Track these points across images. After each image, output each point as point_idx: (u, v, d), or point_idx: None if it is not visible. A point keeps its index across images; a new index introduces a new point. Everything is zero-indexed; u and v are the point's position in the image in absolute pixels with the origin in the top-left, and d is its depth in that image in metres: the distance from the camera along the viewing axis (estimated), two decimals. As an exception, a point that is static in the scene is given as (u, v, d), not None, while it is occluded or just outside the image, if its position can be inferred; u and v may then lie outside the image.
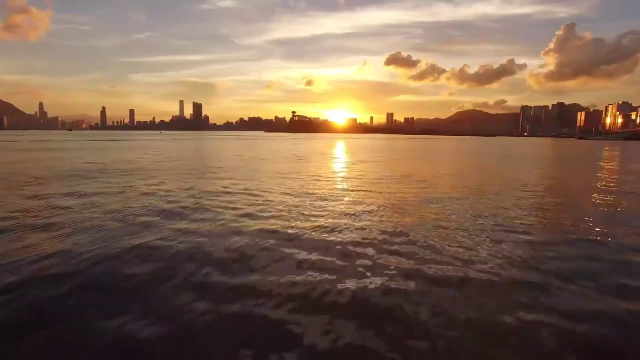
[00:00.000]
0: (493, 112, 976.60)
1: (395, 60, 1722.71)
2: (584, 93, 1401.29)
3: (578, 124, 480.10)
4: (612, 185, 21.43)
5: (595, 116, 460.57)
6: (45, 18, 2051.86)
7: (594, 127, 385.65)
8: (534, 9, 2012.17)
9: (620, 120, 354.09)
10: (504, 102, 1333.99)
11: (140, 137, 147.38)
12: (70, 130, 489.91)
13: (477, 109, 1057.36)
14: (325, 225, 10.92)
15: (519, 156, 52.36)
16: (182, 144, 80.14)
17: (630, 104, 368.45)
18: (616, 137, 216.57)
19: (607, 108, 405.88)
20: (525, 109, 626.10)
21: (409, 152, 58.26)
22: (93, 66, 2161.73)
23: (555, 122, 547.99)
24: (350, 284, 6.77)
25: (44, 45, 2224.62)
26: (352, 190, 17.66)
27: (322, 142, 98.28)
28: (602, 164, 40.22)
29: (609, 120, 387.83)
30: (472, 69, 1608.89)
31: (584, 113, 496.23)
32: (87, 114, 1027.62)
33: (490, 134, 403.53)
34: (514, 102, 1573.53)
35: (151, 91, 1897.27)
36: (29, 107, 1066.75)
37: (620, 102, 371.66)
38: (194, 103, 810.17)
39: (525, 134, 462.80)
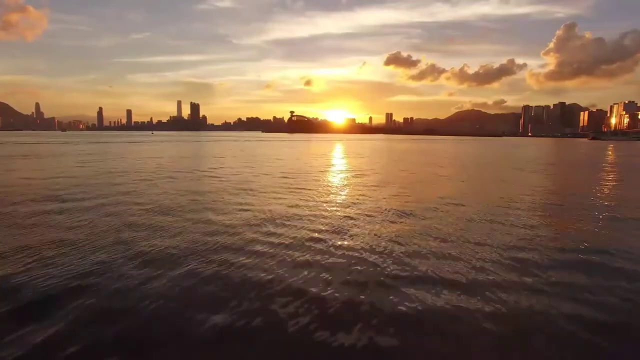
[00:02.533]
0: (492, 111, 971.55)
1: (395, 59, 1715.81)
2: (583, 93, 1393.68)
3: (581, 124, 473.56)
4: None
5: (598, 116, 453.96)
6: (43, 17, 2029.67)
7: (600, 126, 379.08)
8: (532, 9, 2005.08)
9: (626, 119, 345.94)
10: (503, 101, 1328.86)
11: (126, 138, 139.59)
12: (64, 130, 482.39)
13: (476, 108, 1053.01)
14: None
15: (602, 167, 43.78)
16: (157, 147, 71.67)
17: (636, 103, 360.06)
18: (635, 137, 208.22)
19: (611, 107, 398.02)
20: (526, 108, 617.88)
21: (434, 159, 49.54)
22: (91, 66, 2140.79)
23: (556, 121, 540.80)
24: None
25: (42, 45, 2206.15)
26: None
27: (317, 147, 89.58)
28: None
29: (614, 120, 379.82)
30: (471, 69, 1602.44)
31: (586, 113, 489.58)
32: (84, 114, 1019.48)
33: (494, 133, 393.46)
34: (513, 102, 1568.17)
35: (149, 91, 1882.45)
36: (25, 107, 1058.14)
37: (627, 101, 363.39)
38: (191, 103, 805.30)
39: (530, 134, 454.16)
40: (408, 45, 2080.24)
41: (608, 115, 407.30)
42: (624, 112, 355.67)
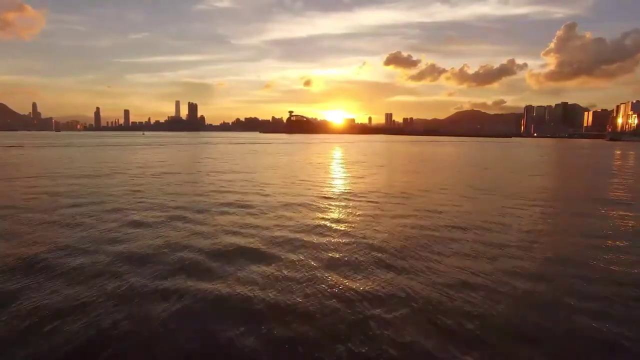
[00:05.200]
0: (491, 112, 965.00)
1: (394, 59, 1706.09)
2: (583, 93, 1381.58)
3: (585, 124, 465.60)
4: None
5: (603, 116, 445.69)
6: (41, 17, 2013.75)
7: (604, 127, 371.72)
8: (530, 9, 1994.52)
9: (635, 119, 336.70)
10: (503, 102, 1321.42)
11: (112, 139, 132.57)
12: (59, 131, 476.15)
13: (475, 109, 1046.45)
14: None
15: None
16: (124, 153, 63.82)
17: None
18: None
19: (617, 107, 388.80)
20: (528, 108, 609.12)
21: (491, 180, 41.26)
22: (89, 66, 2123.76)
23: (558, 122, 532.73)
24: None
25: (40, 44, 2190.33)
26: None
27: (316, 155, 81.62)
28: None
29: (620, 120, 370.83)
30: (471, 69, 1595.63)
31: (591, 113, 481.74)
32: (83, 115, 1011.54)
33: (499, 134, 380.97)
34: (512, 102, 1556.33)
35: (148, 91, 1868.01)
36: (23, 107, 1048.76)
37: (634, 101, 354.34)
38: (189, 103, 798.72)
39: (535, 135, 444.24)
40: (407, 46, 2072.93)
41: (614, 115, 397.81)
42: (632, 112, 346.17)
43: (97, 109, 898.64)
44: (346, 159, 52.01)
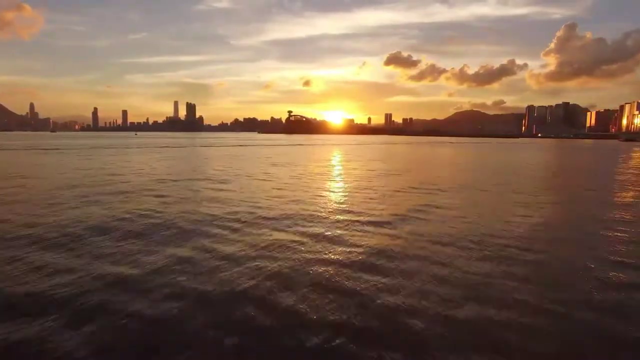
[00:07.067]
0: (491, 112, 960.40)
1: (394, 59, 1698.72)
2: (582, 93, 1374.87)
3: (588, 124, 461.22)
4: None
5: (606, 116, 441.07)
6: (40, 17, 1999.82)
7: (607, 127, 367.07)
8: (530, 10, 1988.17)
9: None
10: (502, 102, 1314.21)
11: (99, 140, 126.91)
12: (54, 132, 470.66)
13: (475, 109, 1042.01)
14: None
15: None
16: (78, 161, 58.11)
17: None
18: None
19: (622, 107, 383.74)
20: (530, 109, 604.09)
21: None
22: (89, 67, 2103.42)
23: (559, 122, 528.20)
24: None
25: (39, 45, 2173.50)
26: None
27: (315, 164, 74.80)
28: None
29: (625, 121, 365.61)
30: (471, 69, 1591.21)
31: (594, 113, 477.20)
32: (82, 115, 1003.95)
33: (501, 134, 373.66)
34: (511, 102, 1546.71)
35: (146, 92, 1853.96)
36: (21, 107, 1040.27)
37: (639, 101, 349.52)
38: (187, 103, 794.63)
39: (539, 135, 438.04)
40: (406, 46, 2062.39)
41: (617, 115, 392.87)
42: (637, 112, 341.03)
43: (95, 109, 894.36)
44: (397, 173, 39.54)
